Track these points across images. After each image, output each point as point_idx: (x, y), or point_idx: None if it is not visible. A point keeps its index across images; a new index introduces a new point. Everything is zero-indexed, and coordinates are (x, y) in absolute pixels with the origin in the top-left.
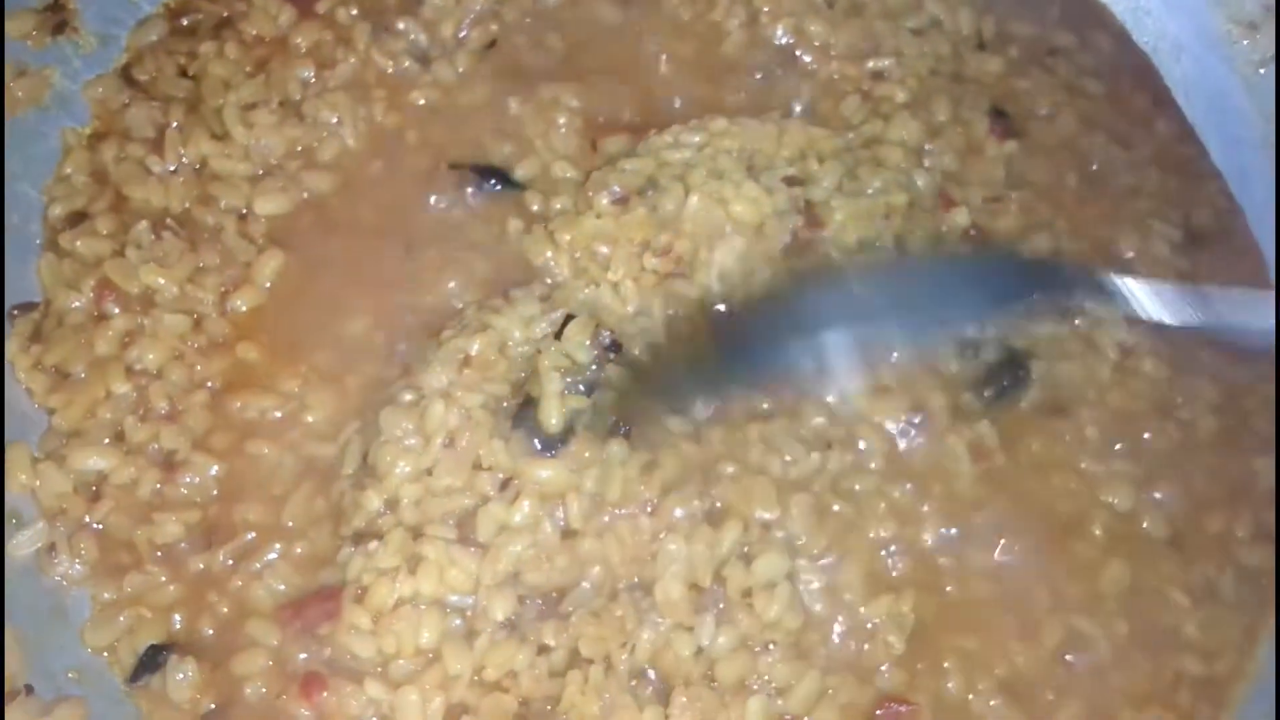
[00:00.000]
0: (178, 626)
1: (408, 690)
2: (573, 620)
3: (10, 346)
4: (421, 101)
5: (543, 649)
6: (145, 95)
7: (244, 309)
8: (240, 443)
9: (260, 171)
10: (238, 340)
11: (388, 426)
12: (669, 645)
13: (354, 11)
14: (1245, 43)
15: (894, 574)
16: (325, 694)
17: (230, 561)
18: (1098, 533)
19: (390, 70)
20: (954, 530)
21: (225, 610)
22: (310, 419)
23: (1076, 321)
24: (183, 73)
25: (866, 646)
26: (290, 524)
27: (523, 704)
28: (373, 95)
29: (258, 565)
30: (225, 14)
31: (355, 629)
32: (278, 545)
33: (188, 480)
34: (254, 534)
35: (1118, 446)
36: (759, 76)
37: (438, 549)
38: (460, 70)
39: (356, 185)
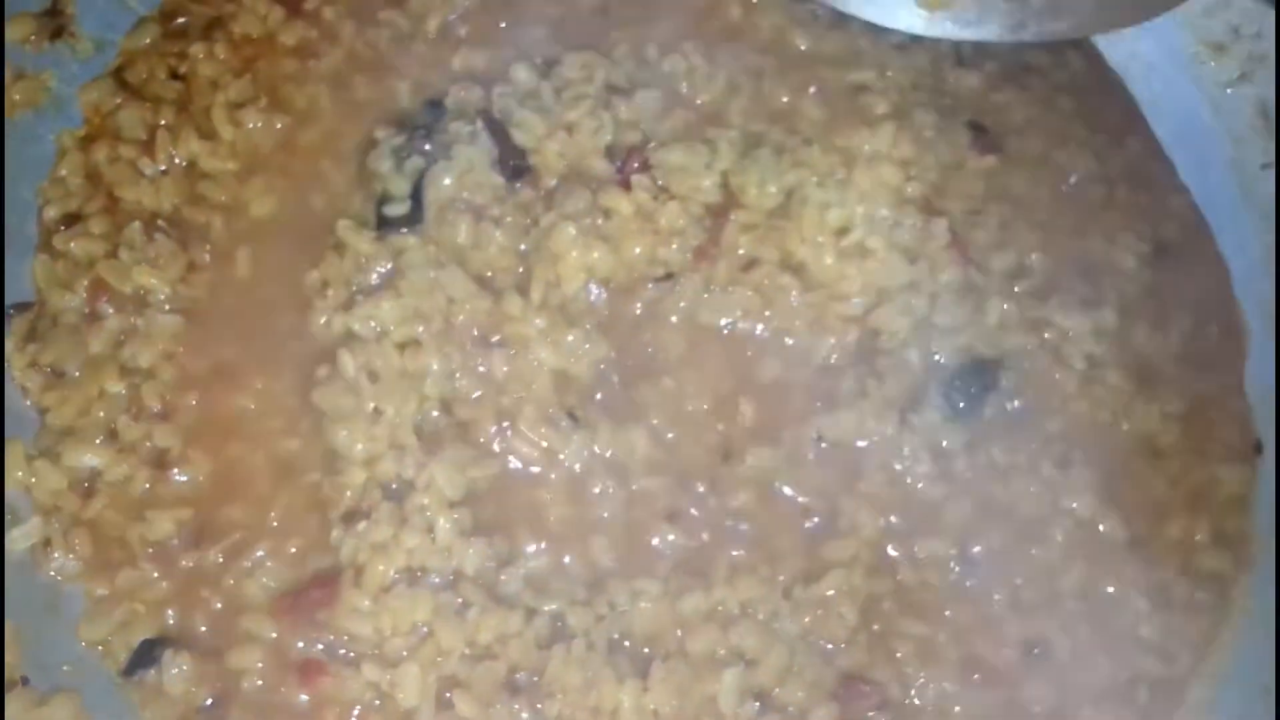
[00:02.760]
0: (171, 622)
1: (407, 665)
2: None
3: (6, 346)
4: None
5: (529, 613)
6: (137, 97)
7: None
8: (224, 442)
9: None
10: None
11: (323, 402)
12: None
13: (340, 9)
14: (1212, 64)
15: (841, 555)
16: (324, 679)
17: (221, 559)
18: (1059, 537)
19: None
20: (904, 523)
21: (218, 606)
22: (274, 416)
23: (1045, 335)
24: (173, 74)
25: (820, 613)
26: (275, 523)
27: (511, 671)
28: (353, 83)
29: (248, 563)
30: (215, 15)
31: (354, 610)
32: (265, 543)
33: (179, 479)
34: (241, 533)
35: (1080, 454)
36: None
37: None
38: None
39: None
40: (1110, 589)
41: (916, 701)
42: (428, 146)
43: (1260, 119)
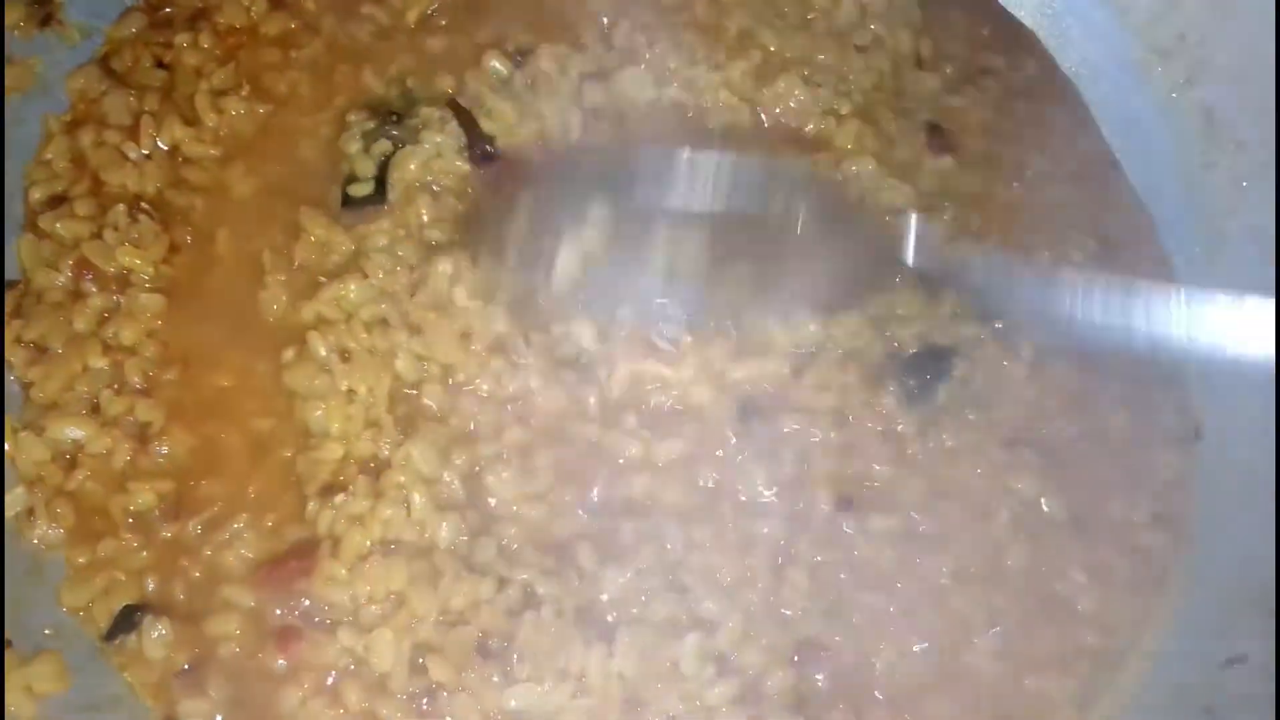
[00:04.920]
0: (151, 589)
1: (381, 631)
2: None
3: None
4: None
5: (501, 582)
6: (122, 84)
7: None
8: (203, 418)
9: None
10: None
11: (295, 384)
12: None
13: (322, 1)
14: (1160, 69)
15: (798, 528)
16: (300, 645)
17: (200, 530)
18: (1004, 515)
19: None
20: (860, 500)
21: (197, 575)
22: (251, 394)
23: (997, 324)
24: (158, 62)
25: (778, 583)
26: (253, 496)
27: (483, 636)
28: (332, 72)
29: (226, 535)
30: (200, 5)
31: (331, 579)
32: (244, 516)
33: (160, 452)
34: (219, 506)
35: (1026, 438)
36: None
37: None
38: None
39: None
40: (1053, 564)
41: (869, 668)
42: (396, 131)
43: (1204, 122)
